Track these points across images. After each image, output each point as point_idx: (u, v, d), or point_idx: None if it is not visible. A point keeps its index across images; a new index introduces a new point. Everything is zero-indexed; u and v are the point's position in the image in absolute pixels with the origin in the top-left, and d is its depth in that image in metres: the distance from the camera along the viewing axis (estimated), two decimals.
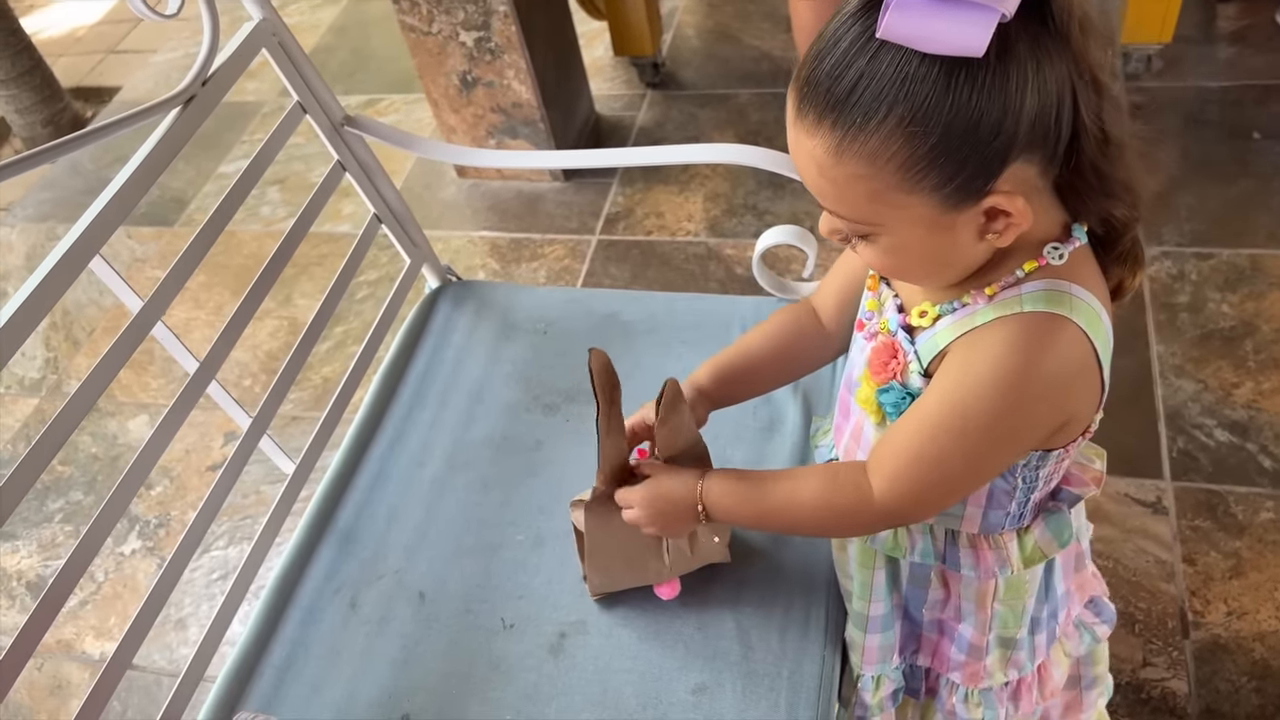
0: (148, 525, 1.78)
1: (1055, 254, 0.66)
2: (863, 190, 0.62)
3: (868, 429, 0.79)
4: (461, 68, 2.07)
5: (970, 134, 0.58)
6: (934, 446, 0.69)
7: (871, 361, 0.75)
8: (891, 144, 0.59)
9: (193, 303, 2.17)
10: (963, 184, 0.61)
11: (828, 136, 0.61)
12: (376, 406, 1.18)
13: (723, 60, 2.51)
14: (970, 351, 0.68)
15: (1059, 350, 0.65)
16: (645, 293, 1.27)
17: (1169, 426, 1.59)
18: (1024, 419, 0.68)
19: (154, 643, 1.61)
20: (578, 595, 0.97)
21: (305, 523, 1.07)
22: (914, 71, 0.57)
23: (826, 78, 0.60)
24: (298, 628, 1.00)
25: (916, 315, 0.72)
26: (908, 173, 0.60)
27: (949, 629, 0.89)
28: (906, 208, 0.62)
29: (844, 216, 0.65)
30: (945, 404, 0.68)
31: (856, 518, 0.76)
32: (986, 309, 0.68)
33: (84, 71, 3.05)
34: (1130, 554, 1.45)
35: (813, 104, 0.61)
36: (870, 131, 0.59)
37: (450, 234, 2.20)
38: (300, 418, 1.90)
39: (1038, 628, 0.88)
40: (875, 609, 0.88)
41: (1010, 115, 0.58)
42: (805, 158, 0.63)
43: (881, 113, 0.58)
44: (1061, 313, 0.65)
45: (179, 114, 0.97)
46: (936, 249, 0.66)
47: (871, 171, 0.61)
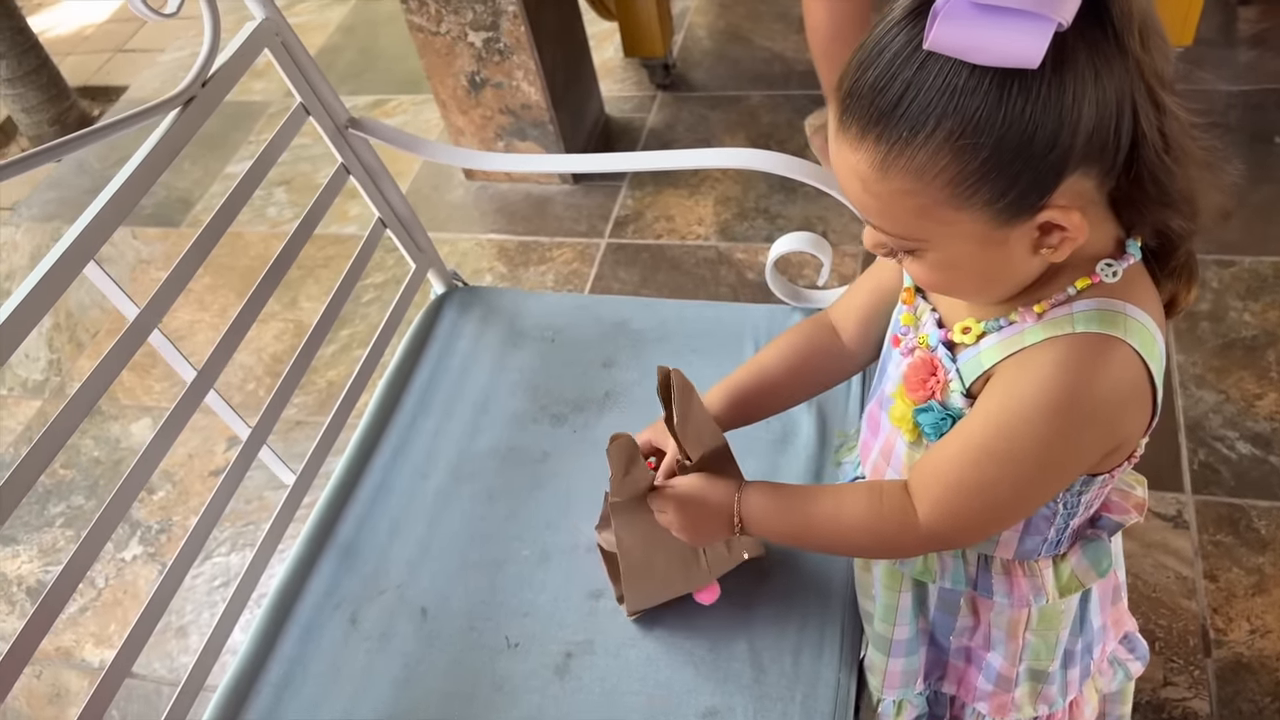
0: (149, 530, 1.76)
1: (1109, 271, 0.63)
2: (910, 205, 0.59)
3: (900, 447, 0.76)
4: (470, 68, 2.05)
5: (1024, 148, 0.55)
6: (979, 474, 0.66)
7: (908, 378, 0.72)
8: (940, 159, 0.56)
9: (198, 304, 2.15)
10: (1016, 199, 0.57)
11: (872, 150, 0.58)
12: (380, 415, 1.15)
13: (734, 61, 2.48)
14: (1018, 373, 0.65)
15: (1111, 373, 0.62)
16: (656, 300, 1.24)
17: (1190, 438, 1.55)
18: (1074, 445, 0.65)
19: (154, 650, 1.59)
20: (584, 613, 0.94)
21: (305, 535, 1.05)
22: (964, 83, 0.54)
23: (870, 89, 0.57)
24: (296, 644, 0.97)
25: (959, 332, 0.69)
26: (958, 188, 0.57)
27: (977, 657, 0.86)
28: (956, 223, 0.59)
29: (890, 232, 0.62)
30: (991, 429, 0.65)
31: (900, 542, 0.73)
32: (1035, 328, 0.64)
33: (91, 70, 3.03)
34: (1150, 569, 1.42)
35: (856, 116, 0.58)
36: (918, 146, 0.56)
37: (458, 236, 2.18)
38: (305, 422, 1.87)
39: (1071, 661, 0.85)
40: (900, 633, 0.85)
41: (1067, 128, 0.55)
42: (848, 171, 0.61)
43: (929, 126, 0.55)
44: (1115, 334, 0.62)
45: (179, 115, 0.95)
46: (988, 265, 0.63)
47: (919, 187, 0.58)
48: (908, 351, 0.74)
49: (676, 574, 0.90)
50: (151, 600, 0.93)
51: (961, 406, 0.69)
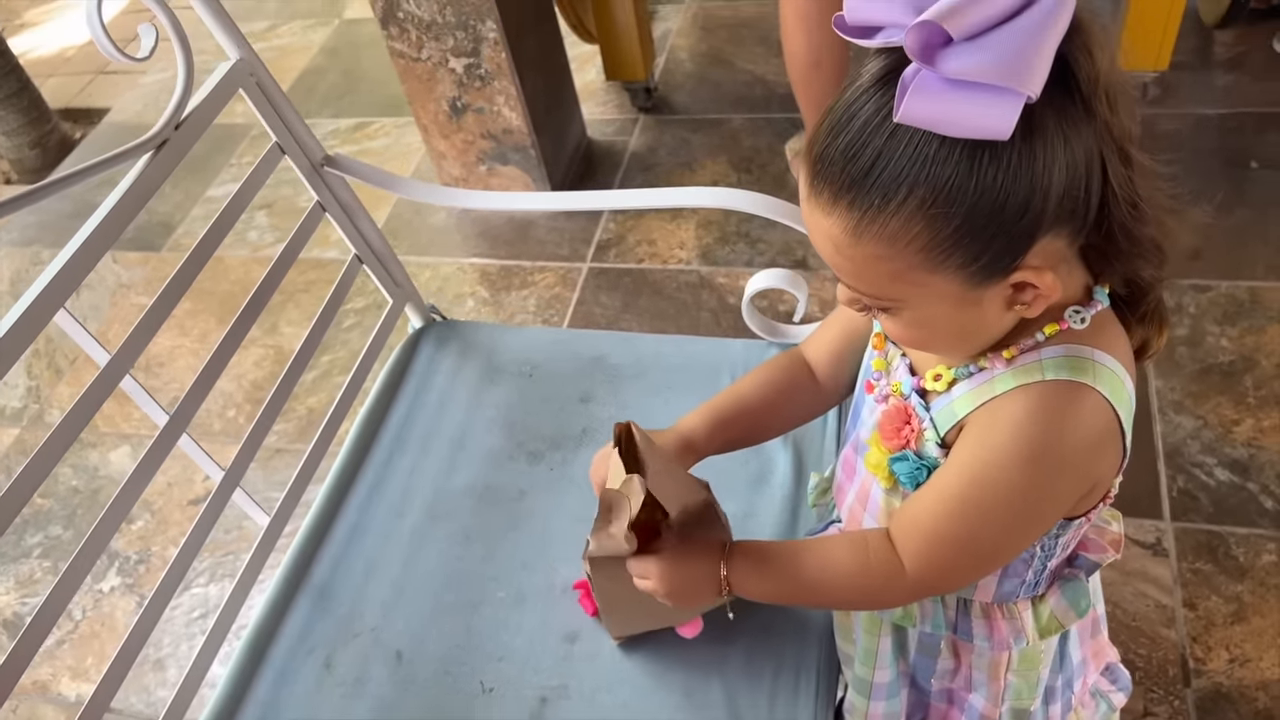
0: (128, 561, 1.74)
1: (1077, 318, 0.64)
2: (883, 270, 0.60)
3: (876, 493, 0.77)
4: (451, 94, 2.05)
5: (996, 215, 0.55)
6: (959, 525, 0.67)
7: (883, 426, 0.72)
8: (913, 226, 0.56)
9: (178, 330, 2.14)
10: (989, 263, 0.58)
11: (844, 216, 0.58)
12: (356, 452, 1.14)
13: (716, 85, 2.49)
14: (990, 423, 0.65)
15: (1082, 420, 0.63)
16: (633, 335, 1.24)
17: (1168, 465, 1.56)
18: (1049, 492, 0.66)
19: (131, 684, 1.57)
20: (560, 657, 0.94)
21: (280, 577, 1.04)
22: (934, 153, 0.54)
23: (841, 156, 0.57)
24: (270, 689, 0.96)
25: (931, 379, 0.69)
26: (931, 254, 0.57)
27: (959, 699, 0.86)
28: (930, 285, 0.60)
29: (864, 293, 0.63)
30: (967, 479, 0.66)
31: (887, 593, 0.74)
32: (1005, 375, 0.65)
33: (73, 92, 3.02)
34: (1130, 598, 1.42)
35: (828, 182, 0.58)
36: (890, 213, 0.56)
37: (440, 260, 2.17)
38: (285, 450, 1.86)
39: (1052, 698, 0.85)
40: (880, 676, 0.85)
41: (1038, 193, 0.55)
42: (821, 235, 0.61)
43: (901, 194, 0.55)
44: (1085, 380, 0.63)
45: (151, 159, 0.94)
46: (962, 323, 0.63)
47: (892, 252, 0.58)
48: (881, 399, 0.74)
49: (660, 613, 0.89)
50: (130, 635, 0.92)
51: (936, 456, 0.69)
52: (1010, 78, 0.51)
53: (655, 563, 0.79)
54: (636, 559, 0.80)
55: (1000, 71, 0.51)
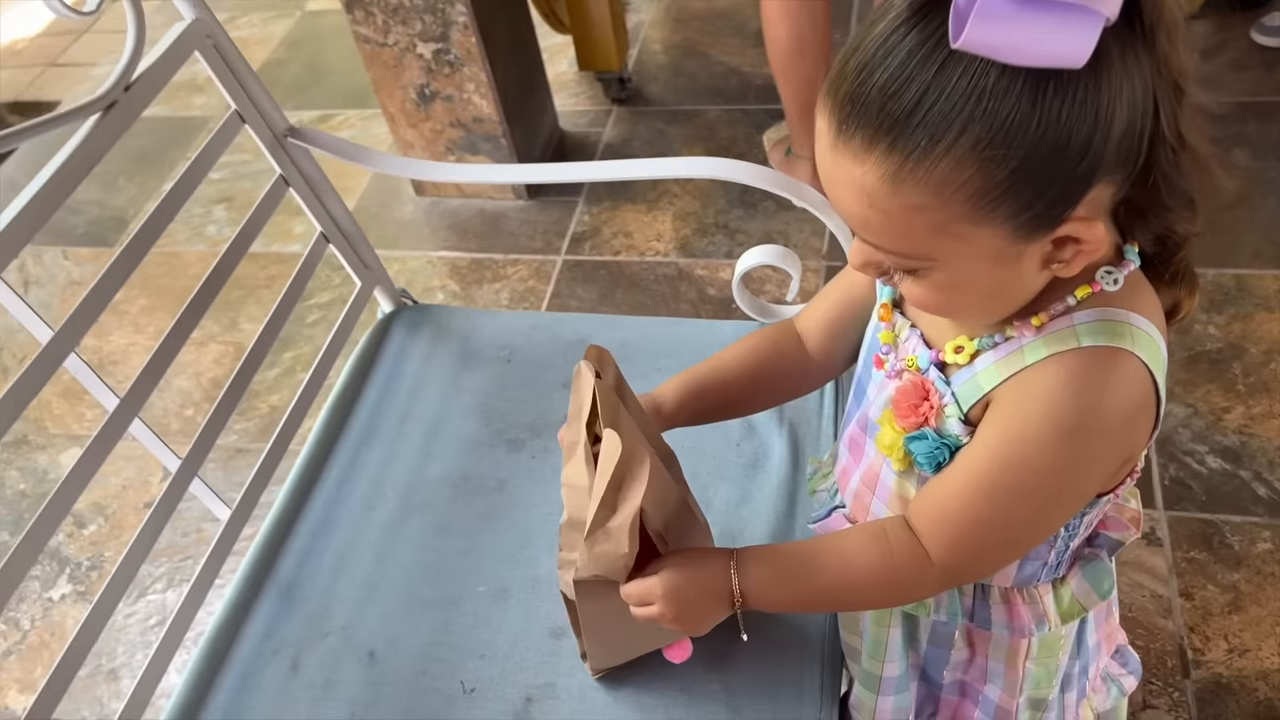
0: (79, 568, 1.65)
1: (1109, 279, 0.59)
2: (922, 222, 0.53)
3: (887, 476, 0.71)
4: (419, 81, 1.98)
5: (1057, 156, 0.50)
6: (993, 509, 0.61)
7: (898, 403, 0.66)
8: (963, 170, 0.50)
9: (132, 327, 2.05)
10: (1041, 212, 0.52)
11: (882, 162, 0.52)
12: (323, 443, 1.07)
13: (691, 75, 2.45)
14: (1023, 397, 0.59)
15: (1122, 387, 0.58)
16: (617, 317, 1.18)
17: (1160, 453, 1.53)
18: (1090, 465, 0.60)
19: (83, 696, 1.48)
20: (546, 654, 0.87)
21: (242, 574, 0.97)
22: (993, 85, 0.48)
23: (880, 93, 0.51)
24: (232, 694, 0.89)
25: (951, 351, 0.64)
26: (979, 202, 0.52)
27: (972, 691, 0.81)
28: (971, 240, 0.54)
29: (892, 250, 0.57)
30: (1002, 459, 0.60)
31: (918, 587, 0.68)
32: (1036, 343, 0.59)
33: (23, 85, 2.91)
34: (1126, 588, 1.38)
35: (862, 125, 0.52)
36: (938, 157, 0.50)
37: (408, 254, 2.10)
38: (246, 450, 1.78)
39: (1069, 685, 0.81)
40: (889, 670, 0.80)
41: (1100, 132, 0.50)
42: (849, 186, 0.54)
43: (953, 134, 0.50)
44: (1123, 346, 0.57)
45: (98, 121, 0.87)
46: (996, 283, 0.58)
47: (936, 202, 0.52)
48: (894, 374, 0.69)
49: (647, 637, 0.82)
50: (75, 640, 0.85)
51: (959, 434, 0.64)
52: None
53: (659, 583, 0.69)
54: (636, 583, 0.70)
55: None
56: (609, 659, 0.84)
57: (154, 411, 1.87)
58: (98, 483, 1.76)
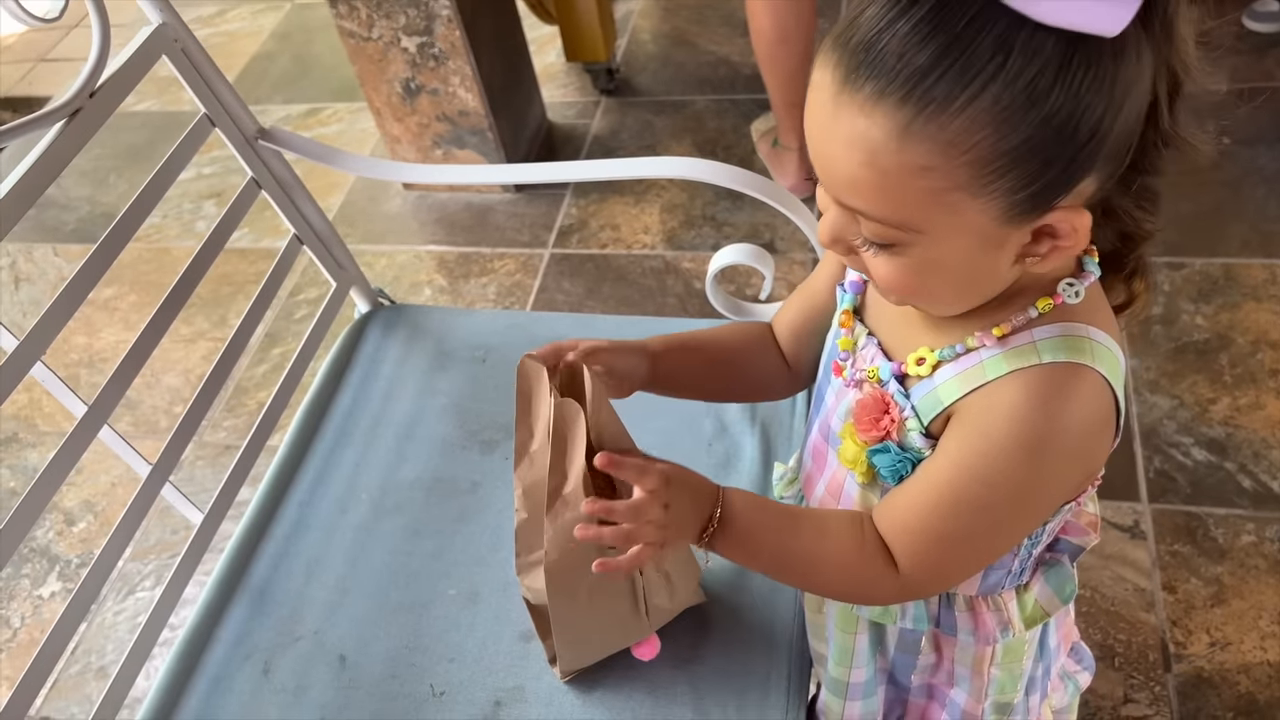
0: (68, 565, 1.66)
1: (1071, 291, 0.58)
2: (919, 186, 0.51)
3: (850, 486, 0.71)
4: (404, 75, 1.98)
5: (1069, 131, 0.49)
6: (958, 524, 0.61)
7: (858, 416, 0.66)
8: (976, 132, 0.49)
9: (122, 324, 2.05)
10: (1039, 191, 0.51)
11: (893, 114, 0.49)
12: (297, 445, 1.08)
13: (679, 66, 2.43)
14: (985, 411, 0.59)
15: (1084, 403, 0.57)
16: (593, 316, 1.18)
17: (1145, 445, 1.52)
18: (1053, 480, 0.60)
19: (73, 694, 1.49)
20: (516, 657, 0.88)
21: (215, 578, 0.97)
22: (1022, 43, 0.47)
23: (901, 42, 0.48)
24: (204, 699, 0.89)
25: (913, 363, 0.63)
26: (984, 169, 0.50)
27: (940, 694, 0.81)
28: (962, 214, 0.52)
29: (875, 217, 0.54)
30: (965, 475, 0.60)
31: (875, 589, 0.66)
32: (997, 358, 0.59)
33: (13, 80, 2.91)
34: (1108, 582, 1.38)
35: (875, 74, 0.49)
36: (954, 114, 0.48)
37: (396, 249, 2.10)
38: (234, 447, 1.78)
39: (1033, 687, 0.81)
40: (856, 675, 0.80)
41: (1110, 115, 0.49)
42: (848, 141, 0.51)
43: (972, 91, 0.48)
44: (1084, 362, 0.57)
45: (63, 128, 0.87)
46: (971, 269, 0.56)
47: (941, 163, 0.50)
48: (853, 382, 0.68)
49: (615, 633, 0.82)
50: (51, 636, 0.85)
51: (921, 446, 0.63)
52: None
53: (656, 471, 0.63)
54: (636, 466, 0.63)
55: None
56: (579, 659, 0.84)
57: (143, 409, 1.87)
58: (87, 480, 1.77)
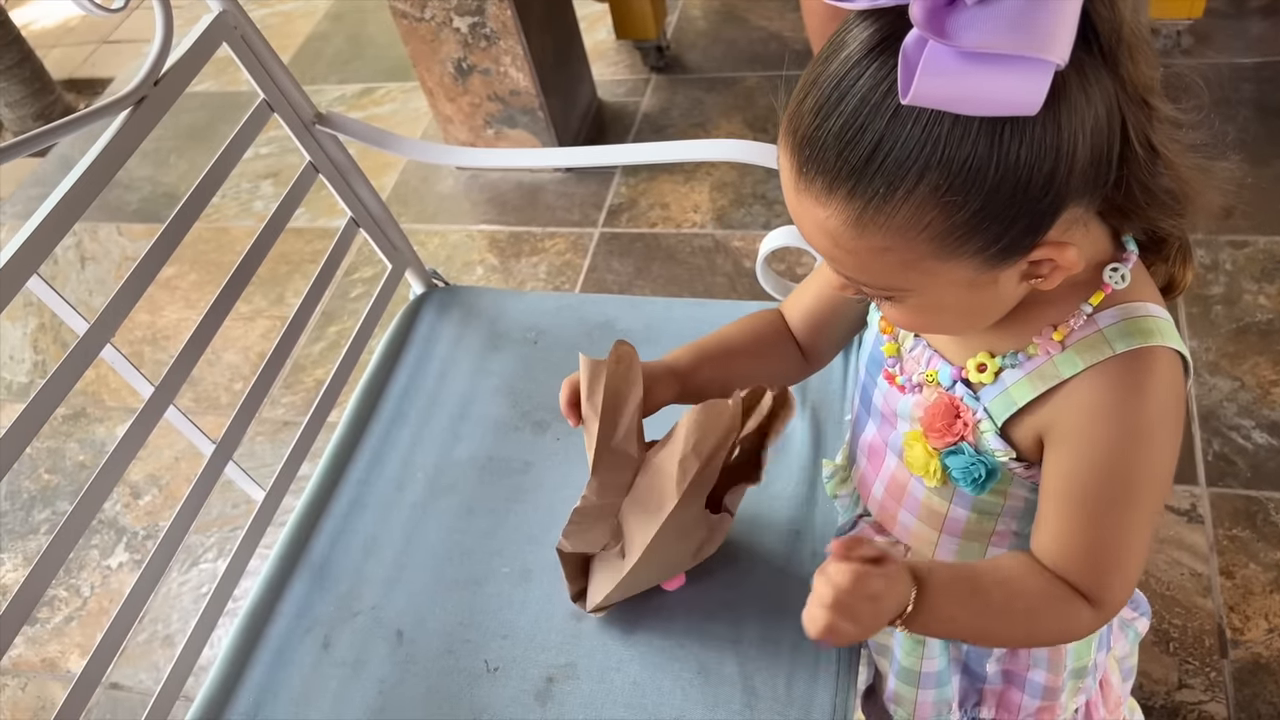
0: (135, 537, 1.72)
1: (1117, 276, 0.59)
2: (890, 261, 0.53)
3: (916, 488, 0.71)
4: (456, 55, 1.99)
5: (1019, 194, 0.49)
6: (1112, 530, 0.63)
7: (929, 423, 0.66)
8: (925, 214, 0.50)
9: (184, 303, 2.10)
10: (1009, 244, 0.52)
11: (843, 207, 0.51)
12: (355, 425, 1.10)
13: (729, 42, 2.42)
14: (1083, 421, 0.60)
15: (1167, 381, 0.59)
16: (642, 298, 1.19)
17: (1204, 428, 1.50)
18: (1168, 452, 0.62)
19: (140, 661, 1.55)
20: (567, 635, 0.89)
21: (276, 553, 1.00)
22: (948, 133, 0.48)
23: (836, 140, 0.50)
24: (267, 670, 0.93)
25: (975, 370, 0.64)
26: (945, 241, 0.51)
27: (1017, 678, 0.82)
28: (940, 274, 0.54)
29: (866, 284, 0.57)
30: (1094, 485, 0.61)
31: (1077, 624, 0.65)
32: (1066, 354, 0.60)
33: (77, 63, 2.98)
34: (1164, 565, 1.37)
35: (820, 171, 0.51)
36: (897, 203, 0.50)
37: (448, 228, 2.12)
38: (292, 423, 1.83)
39: (1100, 645, 0.82)
40: (929, 665, 0.81)
41: (1064, 163, 0.49)
42: (814, 227, 0.54)
43: (910, 182, 0.49)
44: (1154, 343, 0.58)
45: (129, 116, 0.90)
46: (974, 304, 0.58)
47: (901, 244, 0.52)
48: (912, 388, 0.69)
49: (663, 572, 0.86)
50: (123, 607, 0.90)
51: (995, 449, 0.64)
52: (1036, 45, 0.44)
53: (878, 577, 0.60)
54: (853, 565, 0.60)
55: (1024, 39, 0.44)
56: (611, 599, 0.86)
57: (204, 385, 1.92)
58: (152, 455, 1.82)
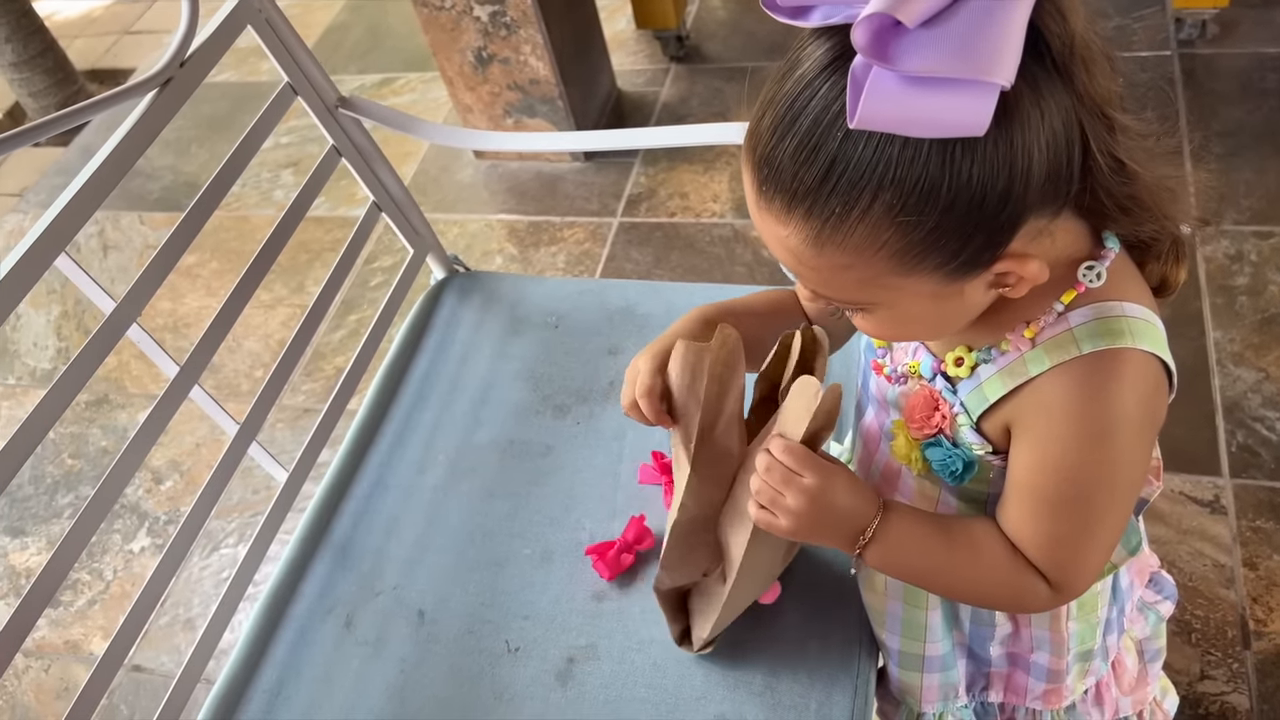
0: (157, 522, 1.73)
1: (1092, 274, 0.58)
2: (851, 278, 0.54)
3: (908, 476, 0.72)
4: (476, 44, 1.99)
5: (974, 211, 0.49)
6: (1069, 524, 0.63)
7: (911, 414, 0.67)
8: (881, 233, 0.50)
9: (205, 291, 2.12)
10: (969, 259, 0.52)
11: (801, 226, 0.51)
12: (376, 408, 1.11)
13: (749, 32, 2.41)
14: (1044, 418, 0.60)
15: (1134, 383, 0.58)
16: (662, 284, 1.19)
17: (1227, 419, 1.48)
18: (1133, 453, 0.61)
19: (162, 644, 1.56)
20: (588, 616, 0.89)
21: (299, 534, 1.01)
22: (899, 153, 0.47)
23: (791, 160, 0.50)
24: (289, 649, 0.93)
25: (952, 363, 0.64)
26: (903, 258, 0.51)
27: (1022, 661, 0.82)
28: (903, 288, 0.54)
29: (832, 298, 0.57)
30: (1052, 480, 0.61)
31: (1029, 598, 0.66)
32: (1035, 351, 0.59)
33: (99, 53, 3.00)
34: (1186, 557, 1.36)
35: (778, 190, 0.51)
36: (854, 222, 0.50)
37: (467, 217, 2.13)
38: (313, 410, 1.84)
39: (1110, 629, 0.82)
40: (931, 649, 0.81)
41: (1019, 179, 0.49)
42: (776, 243, 0.55)
43: (864, 202, 0.49)
44: (1123, 345, 0.57)
45: (155, 98, 0.90)
46: (941, 314, 0.58)
47: (859, 261, 0.52)
48: (897, 379, 0.69)
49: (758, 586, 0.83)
50: (145, 590, 0.90)
51: (973, 442, 0.64)
52: (980, 68, 0.44)
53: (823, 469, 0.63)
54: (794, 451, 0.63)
55: (967, 63, 0.44)
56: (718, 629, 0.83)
57: (225, 373, 1.93)
58: (174, 441, 1.84)
